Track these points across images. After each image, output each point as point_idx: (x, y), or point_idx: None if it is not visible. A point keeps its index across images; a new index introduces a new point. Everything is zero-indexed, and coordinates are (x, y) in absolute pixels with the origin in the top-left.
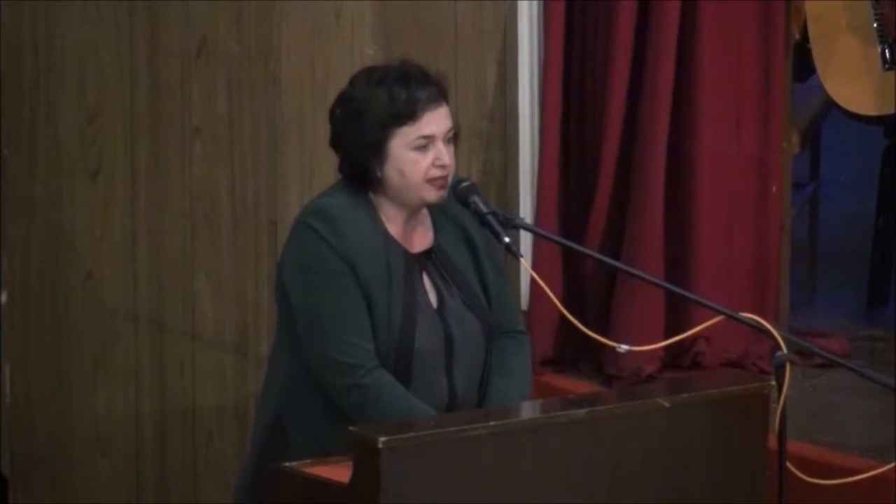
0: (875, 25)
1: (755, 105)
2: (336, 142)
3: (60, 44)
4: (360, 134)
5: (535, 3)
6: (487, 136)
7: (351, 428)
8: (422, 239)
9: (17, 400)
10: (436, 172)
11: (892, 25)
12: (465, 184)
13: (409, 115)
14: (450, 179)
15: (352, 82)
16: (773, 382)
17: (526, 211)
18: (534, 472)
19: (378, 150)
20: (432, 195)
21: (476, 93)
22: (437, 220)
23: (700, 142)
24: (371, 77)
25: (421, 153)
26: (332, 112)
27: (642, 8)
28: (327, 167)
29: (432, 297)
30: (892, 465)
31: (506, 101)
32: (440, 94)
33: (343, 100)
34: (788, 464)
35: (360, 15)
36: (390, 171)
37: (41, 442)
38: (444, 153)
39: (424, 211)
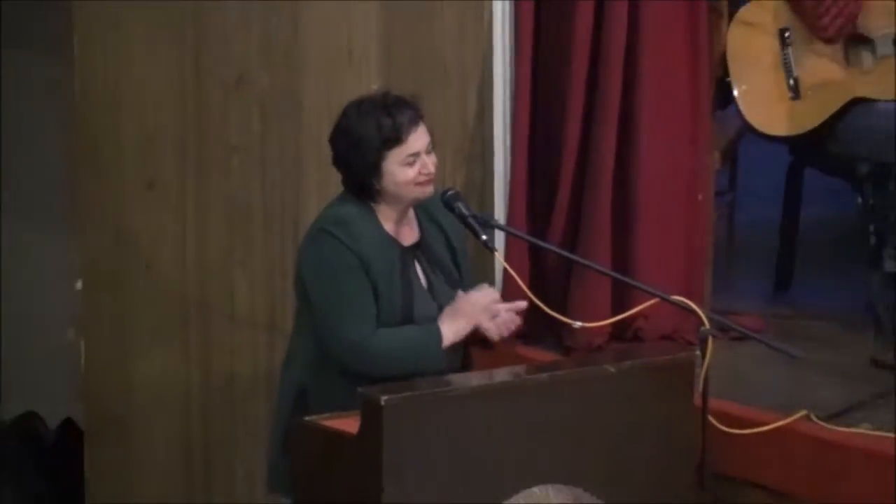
0: (783, 61)
1: (686, 128)
2: (338, 163)
3: (123, 77)
4: (358, 159)
5: (509, 46)
6: (469, 153)
7: (359, 389)
8: (410, 234)
9: (90, 368)
10: (422, 178)
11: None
12: (450, 192)
13: (396, 139)
14: (434, 179)
15: (344, 113)
16: (699, 352)
17: (500, 213)
18: (508, 425)
19: (375, 169)
20: (422, 192)
21: (460, 119)
22: (422, 220)
23: (642, 158)
24: (360, 109)
25: (410, 166)
26: (331, 140)
27: (594, 50)
28: (338, 179)
29: (423, 280)
30: (794, 417)
31: (483, 125)
32: (417, 114)
33: (340, 131)
34: (710, 417)
35: (367, 54)
36: (387, 184)
37: (110, 403)
38: (428, 164)
39: (411, 212)
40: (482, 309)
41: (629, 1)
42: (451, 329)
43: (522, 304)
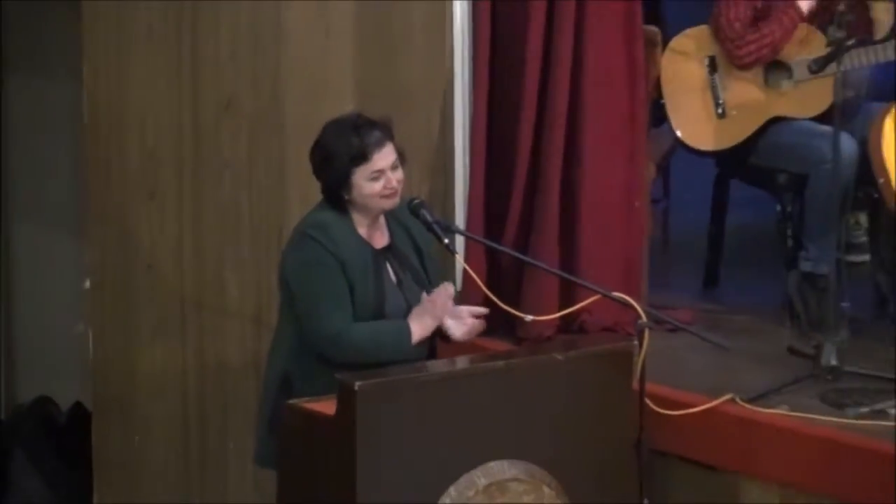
0: (710, 84)
1: (625, 143)
2: (317, 175)
3: (127, 100)
4: (330, 172)
5: (468, 74)
6: (432, 167)
7: (336, 375)
8: (381, 238)
9: (98, 357)
10: (387, 192)
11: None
12: (416, 201)
13: (362, 157)
14: (399, 192)
15: (322, 130)
16: (636, 342)
17: (460, 220)
18: (469, 407)
19: (345, 182)
20: (387, 204)
21: (424, 137)
22: (391, 225)
23: (585, 170)
24: (334, 128)
25: (375, 181)
26: (310, 154)
27: (543, 76)
28: (317, 191)
29: (393, 279)
30: (721, 399)
31: (445, 142)
32: (384, 135)
33: (317, 146)
34: (646, 400)
35: (342, 82)
36: (356, 195)
37: (115, 388)
38: (391, 179)
39: (382, 219)
40: (445, 308)
41: (574, 34)
42: (420, 326)
43: (485, 310)
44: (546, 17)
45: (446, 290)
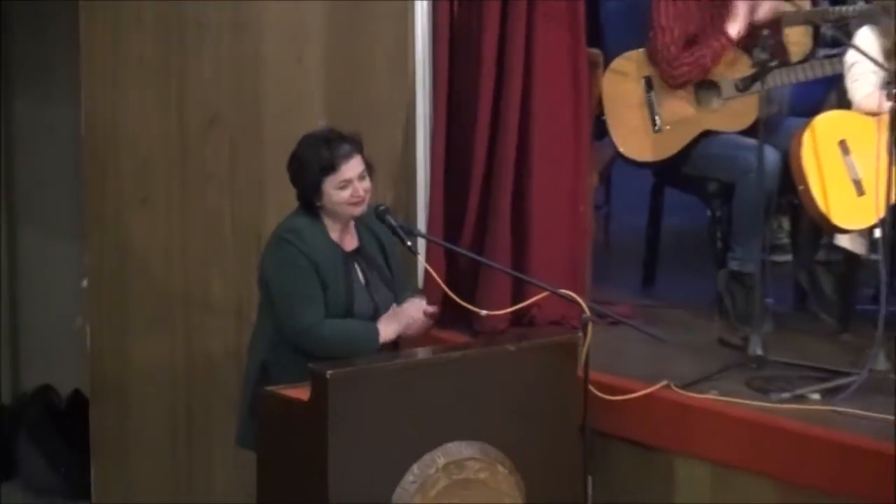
0: (647, 102)
1: (570, 154)
2: (293, 183)
3: (121, 116)
4: (303, 181)
5: (428, 92)
6: (397, 176)
7: (310, 365)
8: (351, 241)
9: (95, 349)
10: (354, 200)
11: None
12: (382, 207)
13: (331, 168)
14: (367, 201)
15: (299, 143)
16: (581, 334)
17: (421, 224)
18: (429, 393)
19: (316, 190)
20: (355, 210)
21: (389, 150)
22: (360, 230)
23: (535, 178)
24: (308, 142)
25: (344, 190)
26: (288, 165)
27: (497, 94)
28: (293, 199)
29: (362, 279)
30: (657, 386)
31: (408, 154)
32: (353, 147)
33: (292, 157)
34: (590, 386)
35: (314, 100)
36: (326, 202)
37: (110, 377)
38: (358, 189)
39: (352, 224)
40: (412, 320)
41: (524, 59)
42: (387, 330)
43: (435, 308)
44: (498, 44)
45: (417, 306)
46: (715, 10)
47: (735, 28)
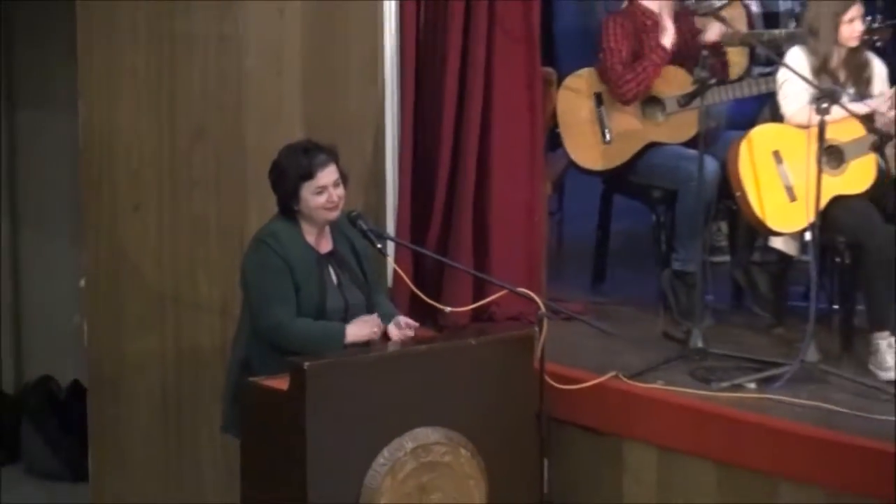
0: (597, 116)
1: (526, 164)
2: (273, 190)
3: (116, 129)
4: (282, 187)
5: (396, 106)
6: (368, 183)
7: (288, 358)
8: (325, 244)
9: (92, 343)
10: (329, 205)
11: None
12: (354, 213)
13: (308, 175)
14: (340, 206)
15: (279, 153)
16: (537, 329)
17: (390, 228)
18: (398, 383)
19: (295, 196)
20: (329, 215)
21: (361, 159)
22: (334, 234)
23: (494, 186)
24: (288, 151)
25: (319, 196)
26: (269, 173)
27: (459, 110)
28: (273, 205)
29: (335, 280)
30: (607, 376)
31: (377, 163)
32: (329, 157)
33: (274, 166)
34: (545, 376)
35: (293, 113)
36: (303, 207)
37: (106, 368)
38: (332, 195)
39: (327, 228)
40: (379, 331)
41: (484, 78)
42: (355, 333)
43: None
44: (461, 64)
45: (397, 321)
46: (650, 29)
47: (668, 40)
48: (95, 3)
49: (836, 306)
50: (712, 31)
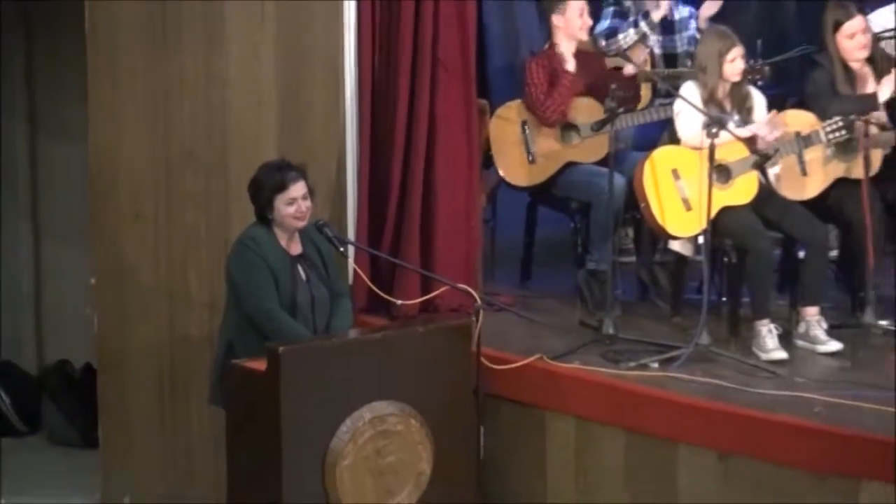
0: (523, 140)
1: (465, 179)
2: (252, 201)
3: (119, 152)
4: (260, 199)
5: (355, 133)
6: (332, 197)
7: (267, 343)
8: (296, 248)
9: (101, 332)
10: (298, 215)
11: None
12: (321, 222)
13: (282, 187)
14: (307, 217)
15: (258, 170)
16: (474, 319)
17: (351, 234)
18: (359, 364)
19: (270, 206)
20: (299, 224)
21: (327, 176)
22: (303, 239)
23: (438, 198)
24: (265, 168)
25: (290, 206)
26: (249, 187)
27: (408, 134)
28: (251, 214)
29: (304, 277)
30: (533, 358)
31: (340, 180)
32: (300, 174)
33: (253, 181)
34: (482, 358)
35: (269, 137)
36: (276, 216)
37: (113, 354)
38: (302, 206)
39: (297, 235)
40: None
41: (429, 113)
42: None
43: None
44: (409, 96)
45: None
46: (558, 62)
47: (571, 65)
48: (102, 47)
49: (724, 298)
50: (629, 68)
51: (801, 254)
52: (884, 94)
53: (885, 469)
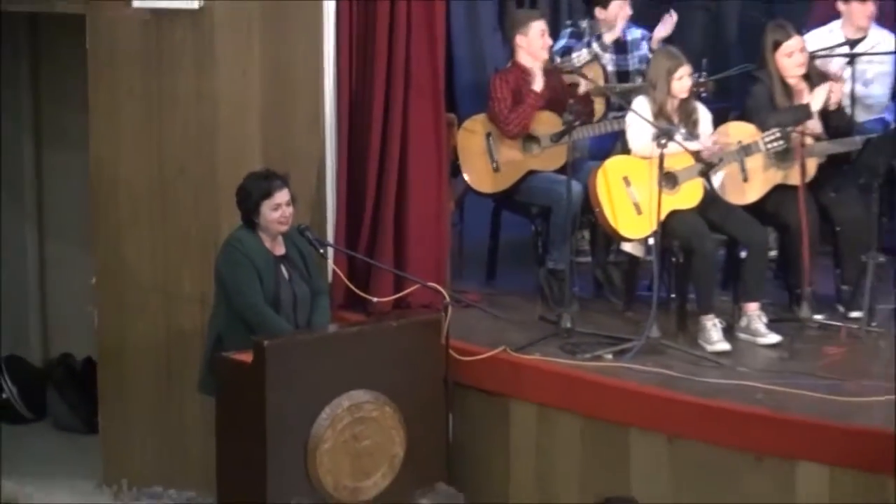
0: (488, 150)
1: (435, 186)
2: (239, 206)
3: (118, 164)
4: (247, 204)
5: (333, 145)
6: (312, 204)
7: (253, 337)
8: (279, 249)
9: (101, 327)
10: (282, 220)
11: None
12: (303, 226)
13: (268, 194)
14: (290, 222)
15: (245, 178)
16: (443, 314)
17: (330, 237)
18: (338, 356)
19: (256, 211)
20: (282, 228)
21: (308, 185)
22: (286, 242)
23: (411, 203)
24: (252, 176)
25: (275, 211)
26: (237, 193)
27: (382, 145)
28: (237, 220)
29: (286, 276)
30: (498, 350)
31: (320, 189)
32: (283, 182)
33: (240, 188)
34: (450, 350)
35: (254, 151)
36: (262, 220)
37: (112, 348)
38: (285, 212)
39: (279, 237)
40: None
41: (402, 120)
42: None
43: None
44: (384, 111)
45: None
46: (527, 81)
47: (538, 86)
48: (102, 63)
49: (672, 295)
50: (584, 85)
51: (743, 254)
52: (815, 105)
53: (819, 451)
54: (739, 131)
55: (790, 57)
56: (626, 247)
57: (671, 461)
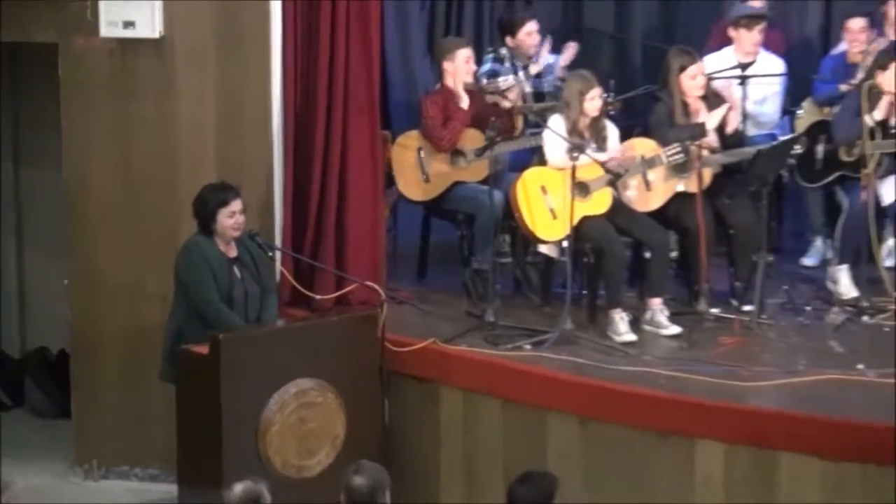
0: (419, 163)
1: (371, 195)
2: (195, 215)
3: (91, 172)
4: (204, 212)
5: (280, 154)
6: (262, 210)
7: (209, 331)
8: (232, 252)
9: (74, 323)
10: (235, 226)
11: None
12: (254, 231)
13: (224, 203)
14: (242, 228)
15: (202, 189)
16: (379, 310)
17: (278, 241)
18: (285, 348)
19: (213, 218)
20: (235, 233)
21: (257, 194)
22: (238, 246)
23: (349, 210)
24: (209, 187)
25: (230, 219)
26: (194, 203)
27: (324, 161)
28: (193, 226)
29: (238, 276)
30: (427, 341)
31: (268, 197)
32: (237, 192)
33: (198, 198)
34: (386, 342)
35: (209, 164)
36: (217, 227)
37: (84, 341)
38: (238, 219)
39: (232, 242)
40: None
41: (342, 136)
42: None
43: None
44: (325, 126)
45: None
46: (454, 101)
47: (465, 104)
48: (74, 95)
49: (584, 291)
50: (505, 104)
51: (647, 255)
52: (711, 124)
53: (715, 429)
54: (643, 146)
55: (693, 79)
56: (543, 248)
57: (584, 440)
